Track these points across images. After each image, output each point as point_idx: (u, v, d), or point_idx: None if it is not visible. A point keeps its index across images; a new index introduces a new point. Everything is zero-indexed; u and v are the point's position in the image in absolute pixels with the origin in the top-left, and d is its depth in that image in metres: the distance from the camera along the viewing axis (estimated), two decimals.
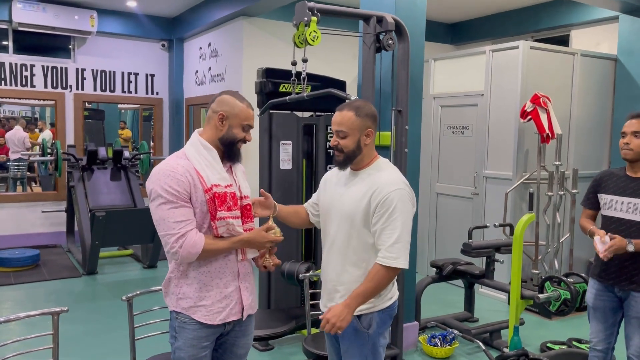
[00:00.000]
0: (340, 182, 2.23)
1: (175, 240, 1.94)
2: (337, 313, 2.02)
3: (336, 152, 2.16)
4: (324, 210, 2.26)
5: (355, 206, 2.10)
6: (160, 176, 1.97)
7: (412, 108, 3.89)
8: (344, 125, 2.11)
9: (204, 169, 2.02)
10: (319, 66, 4.39)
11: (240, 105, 2.08)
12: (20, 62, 7.12)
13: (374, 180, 2.11)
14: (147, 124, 11.86)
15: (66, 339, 4.06)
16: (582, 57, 5.62)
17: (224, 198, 2.02)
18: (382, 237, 2.05)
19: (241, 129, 2.09)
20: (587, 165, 5.74)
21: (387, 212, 2.04)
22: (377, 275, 2.04)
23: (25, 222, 7.23)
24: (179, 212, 1.95)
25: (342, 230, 2.14)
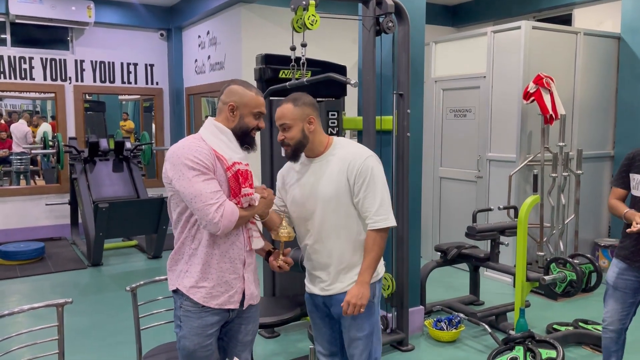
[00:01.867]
0: (303, 173, 2.27)
1: (216, 210, 1.93)
2: (355, 293, 2.14)
3: (284, 147, 2.22)
4: (297, 204, 2.28)
5: (336, 186, 2.18)
6: (186, 151, 1.96)
7: (414, 91, 3.85)
8: (285, 118, 2.18)
9: (223, 149, 2.03)
10: (318, 52, 4.34)
11: (249, 93, 2.08)
12: (19, 55, 7.09)
13: (342, 156, 2.20)
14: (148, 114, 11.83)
15: (72, 331, 4.08)
16: (585, 36, 5.54)
17: (246, 175, 2.04)
18: (365, 204, 2.17)
19: (253, 117, 2.09)
20: (592, 145, 5.69)
21: (365, 180, 2.16)
22: (375, 241, 2.17)
23: (30, 216, 7.25)
24: (213, 183, 1.96)
25: (329, 214, 2.20)
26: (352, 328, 2.27)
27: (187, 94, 7.94)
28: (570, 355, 3.67)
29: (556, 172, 5.07)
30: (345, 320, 2.27)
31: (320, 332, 2.41)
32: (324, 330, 2.39)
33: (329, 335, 2.39)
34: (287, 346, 3.89)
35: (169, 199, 2.10)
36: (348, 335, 2.29)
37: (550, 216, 5.20)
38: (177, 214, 2.08)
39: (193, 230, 2.06)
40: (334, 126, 4.10)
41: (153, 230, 6.05)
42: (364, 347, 2.28)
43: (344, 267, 2.23)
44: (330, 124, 4.09)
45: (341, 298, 2.22)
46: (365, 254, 2.20)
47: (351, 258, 2.23)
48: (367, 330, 2.27)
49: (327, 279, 2.26)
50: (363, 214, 2.19)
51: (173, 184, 2.00)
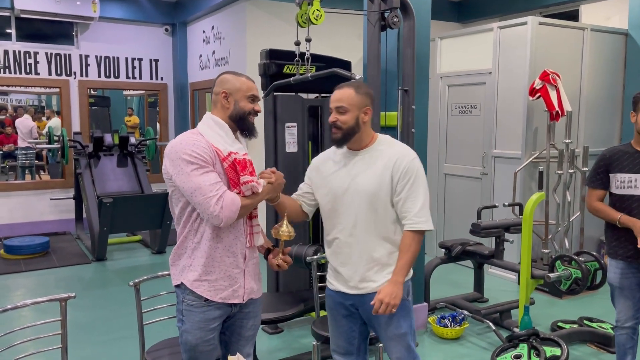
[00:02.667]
0: (342, 165, 2.22)
1: (215, 202, 1.93)
2: (389, 292, 2.10)
3: (334, 129, 2.17)
4: (334, 196, 2.22)
5: (378, 182, 2.14)
6: (184, 146, 1.97)
7: (419, 87, 3.83)
8: (343, 101, 2.14)
9: (219, 142, 2.03)
10: (323, 48, 4.32)
11: (240, 79, 2.10)
12: (23, 50, 7.09)
13: (389, 154, 2.17)
14: (152, 110, 11.84)
15: (76, 325, 4.09)
16: (592, 32, 5.50)
17: (244, 164, 2.03)
18: (406, 205, 2.14)
19: (247, 100, 2.09)
20: (598, 142, 5.65)
21: (409, 181, 2.13)
22: (413, 242, 2.15)
23: (34, 210, 7.27)
24: (212, 175, 1.96)
25: (365, 209, 2.16)
26: (390, 327, 2.22)
27: (192, 89, 7.93)
28: (575, 354, 3.65)
29: (562, 169, 5.04)
30: (380, 319, 2.22)
31: (339, 330, 2.35)
32: (344, 328, 2.33)
33: (348, 334, 2.33)
34: (290, 342, 3.89)
35: (170, 195, 2.10)
36: (385, 334, 2.24)
37: (556, 213, 5.17)
38: (179, 209, 2.08)
39: (195, 224, 2.06)
40: None
41: (157, 225, 6.06)
42: (404, 344, 2.25)
43: (377, 265, 2.19)
44: None
45: (369, 296, 2.18)
46: (402, 253, 2.16)
47: (384, 257, 2.19)
48: (405, 328, 2.24)
49: (357, 277, 2.21)
50: (402, 213, 2.16)
51: (173, 180, 2.00)
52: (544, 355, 3.30)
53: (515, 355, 3.39)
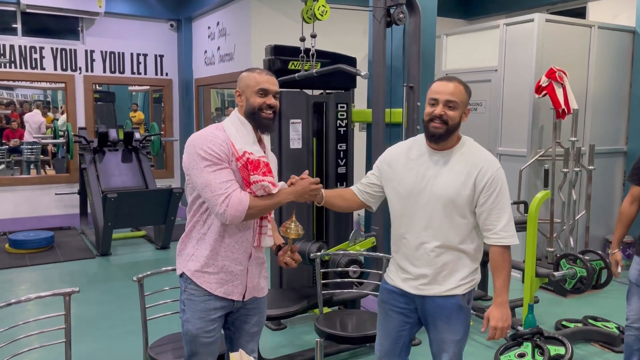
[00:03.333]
0: (420, 163, 2.13)
1: (222, 200, 1.94)
2: (499, 317, 2.08)
3: (437, 123, 2.04)
4: (406, 194, 2.14)
5: (458, 188, 2.06)
6: (202, 140, 1.99)
7: (424, 84, 3.79)
8: (456, 96, 2.05)
9: (238, 140, 2.03)
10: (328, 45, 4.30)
11: (251, 75, 2.09)
12: (29, 45, 7.10)
13: (475, 160, 2.08)
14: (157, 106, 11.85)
15: (80, 320, 4.11)
16: (600, 30, 5.46)
17: (257, 164, 2.02)
18: (491, 217, 2.06)
19: (256, 95, 2.06)
20: (604, 141, 5.62)
21: (495, 192, 2.05)
22: (505, 258, 2.08)
23: (39, 205, 7.29)
24: (224, 173, 1.97)
25: (440, 213, 2.08)
26: (446, 332, 2.16)
27: (197, 85, 7.93)
28: (579, 353, 3.63)
29: (567, 168, 5.01)
30: (439, 323, 2.16)
31: (387, 327, 2.28)
32: (393, 325, 2.26)
33: (396, 333, 2.27)
34: (293, 338, 3.89)
35: (186, 184, 2.13)
36: (440, 338, 2.18)
37: (561, 212, 5.15)
38: (192, 198, 2.11)
39: (204, 215, 2.08)
40: (342, 118, 4.08)
41: (161, 221, 6.07)
42: (456, 350, 2.19)
43: (445, 270, 2.12)
44: (339, 116, 4.06)
45: (438, 301, 2.13)
46: (497, 272, 2.09)
47: (453, 263, 2.12)
48: (460, 334, 2.18)
49: (424, 279, 2.14)
50: (487, 226, 2.07)
51: (188, 172, 2.03)
52: (548, 354, 3.28)
53: (519, 354, 3.38)
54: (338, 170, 4.09)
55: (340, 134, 4.08)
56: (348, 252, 3.37)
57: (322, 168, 4.08)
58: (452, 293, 2.13)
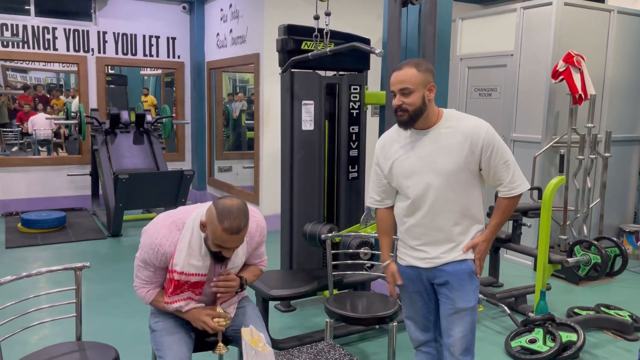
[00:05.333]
0: (413, 146, 2.17)
1: (135, 284, 2.27)
2: (484, 251, 2.22)
3: (399, 112, 2.11)
4: (407, 178, 2.19)
5: (455, 160, 2.12)
6: (148, 246, 2.15)
7: (439, 66, 3.74)
8: (408, 82, 2.08)
9: (182, 252, 2.09)
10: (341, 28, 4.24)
11: (217, 225, 1.97)
12: (42, 25, 7.10)
13: (462, 129, 2.13)
14: (169, 90, 11.84)
15: (91, 298, 4.13)
16: (619, 15, 5.34)
17: (179, 285, 2.13)
18: (498, 174, 2.16)
19: (214, 244, 2.05)
20: (621, 128, 5.52)
21: (492, 151, 2.12)
22: (508, 207, 2.21)
23: (52, 186, 7.33)
24: (146, 273, 2.21)
25: (445, 188, 2.13)
26: (459, 300, 2.19)
27: (208, 68, 7.89)
28: (591, 340, 3.59)
29: (583, 155, 4.94)
30: (450, 292, 2.20)
31: (415, 307, 2.34)
32: (419, 305, 2.32)
33: (424, 310, 2.33)
34: (303, 320, 3.88)
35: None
36: (453, 307, 2.21)
37: (575, 199, 5.08)
38: None
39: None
40: (355, 100, 4.03)
41: (172, 202, 6.07)
42: (469, 319, 2.22)
43: (456, 241, 2.19)
44: (352, 98, 4.01)
45: (449, 268, 2.18)
46: (496, 213, 2.23)
47: (463, 232, 2.19)
48: (473, 302, 2.22)
49: (435, 252, 2.20)
50: (496, 182, 2.18)
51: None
52: (560, 340, 3.25)
53: (530, 340, 3.35)
54: (350, 154, 4.05)
55: (353, 116, 4.04)
56: (359, 234, 3.34)
57: (334, 150, 4.04)
58: (463, 258, 2.20)
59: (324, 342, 2.18)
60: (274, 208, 5.91)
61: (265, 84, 6.25)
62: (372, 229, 3.52)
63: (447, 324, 2.24)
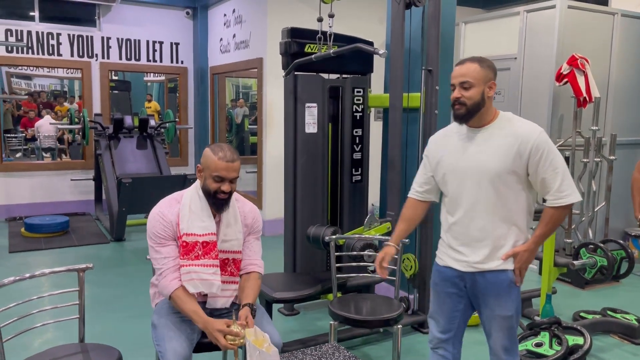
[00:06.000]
0: (463, 143, 2.18)
1: (159, 274, 2.23)
2: (525, 260, 2.15)
3: (457, 105, 2.11)
4: (453, 175, 2.19)
5: (503, 161, 2.09)
6: (150, 222, 2.25)
7: (443, 68, 3.73)
8: (469, 76, 2.09)
9: (186, 216, 2.22)
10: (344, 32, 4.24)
11: (212, 157, 2.17)
12: (46, 31, 7.13)
13: (513, 132, 2.10)
14: (172, 95, 11.87)
15: (94, 302, 4.12)
16: (623, 18, 5.34)
17: (190, 247, 2.20)
18: (546, 181, 2.08)
19: (212, 180, 2.18)
20: (626, 131, 5.50)
21: (543, 156, 2.06)
22: (554, 217, 2.12)
23: (55, 190, 7.34)
24: (164, 250, 2.22)
25: (489, 189, 2.12)
26: (497, 308, 2.18)
27: (212, 73, 7.91)
28: (598, 344, 3.56)
29: (588, 158, 4.91)
30: (489, 299, 2.19)
31: (442, 307, 2.33)
32: (447, 306, 2.31)
33: (450, 312, 2.32)
34: (306, 324, 3.86)
35: None
36: (492, 314, 2.20)
37: (580, 203, 5.04)
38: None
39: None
40: (359, 103, 4.02)
41: None
42: (508, 327, 2.20)
43: (497, 246, 2.15)
44: (355, 100, 4.01)
45: (489, 277, 2.16)
46: (542, 223, 2.14)
47: (505, 238, 2.15)
48: (512, 311, 2.19)
49: (476, 257, 2.17)
50: (543, 189, 2.10)
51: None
52: (566, 343, 3.21)
53: (537, 343, 3.32)
54: (354, 156, 4.04)
55: (357, 119, 4.03)
56: (363, 237, 3.32)
57: (337, 153, 4.03)
58: (503, 268, 2.16)
59: (328, 345, 2.16)
60: (277, 212, 5.90)
61: (268, 89, 6.25)
62: (376, 231, 3.50)
63: (487, 327, 2.25)
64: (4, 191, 7.08)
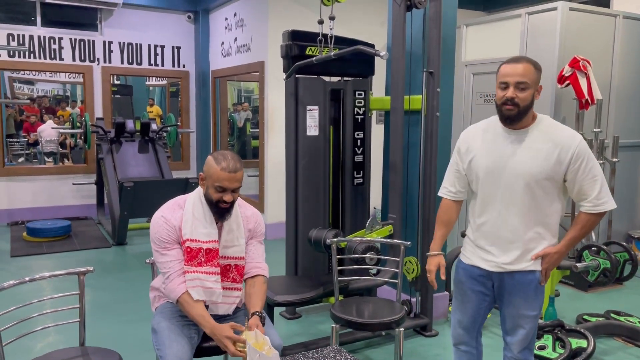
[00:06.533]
0: (499, 143, 2.17)
1: (166, 278, 2.22)
2: (553, 261, 2.16)
3: (510, 106, 2.08)
4: (486, 175, 2.19)
5: (542, 164, 2.08)
6: (153, 227, 2.26)
7: (444, 70, 3.73)
8: (527, 77, 2.06)
9: (189, 222, 2.22)
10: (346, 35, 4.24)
11: (214, 167, 2.16)
12: (48, 35, 7.15)
13: (555, 136, 2.10)
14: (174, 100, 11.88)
15: (95, 306, 4.11)
16: (625, 20, 5.32)
17: (194, 254, 2.20)
18: (584, 188, 2.09)
19: (214, 190, 2.17)
20: (629, 133, 5.48)
21: (582, 163, 2.07)
22: (590, 222, 2.13)
23: (57, 195, 7.35)
24: (169, 254, 2.22)
25: (522, 191, 2.12)
26: (522, 307, 2.22)
27: (213, 76, 7.91)
28: (601, 347, 3.53)
29: None
30: (515, 299, 2.22)
31: (466, 305, 2.35)
32: (471, 304, 2.34)
33: (475, 309, 2.34)
34: (308, 327, 3.85)
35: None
36: (517, 313, 2.23)
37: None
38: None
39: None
40: (360, 106, 4.02)
41: None
42: (532, 325, 2.25)
43: (527, 248, 2.17)
44: (357, 103, 4.00)
45: (517, 277, 2.19)
46: (575, 226, 2.15)
47: (536, 241, 2.17)
48: (536, 310, 2.24)
49: (506, 258, 2.19)
50: (581, 196, 2.11)
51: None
52: (570, 346, 3.20)
53: (540, 346, 3.30)
54: (355, 159, 4.03)
55: (358, 122, 4.02)
56: (365, 239, 3.31)
57: (339, 156, 4.02)
58: (532, 269, 2.18)
59: (329, 347, 2.15)
60: (278, 216, 5.89)
61: (269, 92, 6.25)
62: (378, 234, 3.49)
63: (510, 324, 2.27)
64: (7, 195, 7.09)
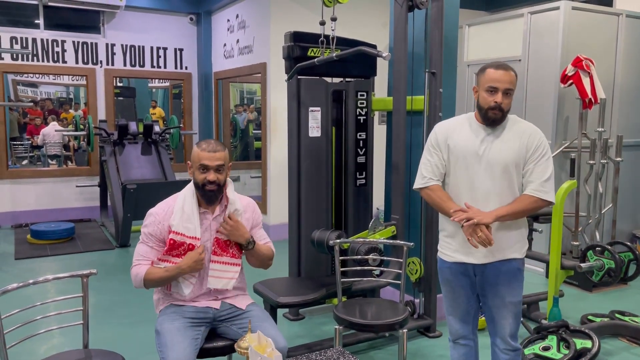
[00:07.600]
0: (477, 137, 2.29)
1: (132, 267, 2.34)
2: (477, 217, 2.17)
3: (496, 111, 2.22)
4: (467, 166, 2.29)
5: (515, 155, 2.26)
6: (147, 216, 2.37)
7: (447, 70, 3.72)
8: (513, 85, 2.24)
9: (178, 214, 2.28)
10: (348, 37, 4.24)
11: (196, 150, 2.28)
12: (51, 38, 7.17)
13: (522, 130, 2.29)
14: (177, 102, 11.90)
15: (98, 308, 4.12)
16: (627, 18, 5.31)
17: (175, 246, 2.27)
18: (534, 173, 2.25)
19: (199, 171, 2.26)
20: (632, 132, 5.46)
21: (541, 153, 2.26)
22: (529, 204, 2.24)
23: (60, 197, 7.36)
24: (145, 247, 2.33)
25: (500, 179, 2.26)
26: (507, 294, 2.34)
27: (216, 78, 7.92)
28: (606, 347, 3.52)
29: (594, 159, 4.87)
30: (499, 288, 2.33)
31: (457, 301, 2.45)
32: (462, 299, 2.43)
33: (466, 304, 2.44)
34: (311, 329, 3.84)
35: None
36: (502, 302, 2.35)
37: (587, 205, 5.01)
38: None
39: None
40: (362, 107, 4.01)
41: None
42: (516, 310, 2.37)
43: (506, 236, 2.29)
44: (359, 104, 4.00)
45: (499, 266, 2.31)
46: (514, 202, 2.25)
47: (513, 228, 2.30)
48: (519, 297, 2.38)
49: (483, 251, 2.27)
50: (529, 179, 2.25)
51: None
52: (574, 347, 3.18)
53: (544, 347, 3.28)
54: (357, 160, 4.03)
55: (360, 122, 4.02)
56: (368, 240, 3.31)
57: (341, 157, 4.02)
58: (513, 257, 2.32)
59: (333, 349, 2.14)
60: (281, 217, 5.89)
61: (272, 94, 6.25)
62: (381, 235, 3.49)
63: (497, 314, 2.37)
64: (10, 198, 7.11)
